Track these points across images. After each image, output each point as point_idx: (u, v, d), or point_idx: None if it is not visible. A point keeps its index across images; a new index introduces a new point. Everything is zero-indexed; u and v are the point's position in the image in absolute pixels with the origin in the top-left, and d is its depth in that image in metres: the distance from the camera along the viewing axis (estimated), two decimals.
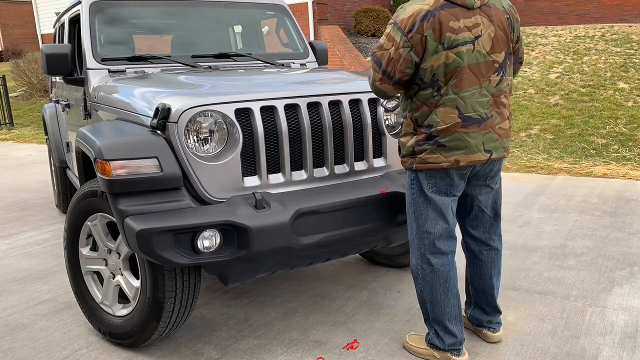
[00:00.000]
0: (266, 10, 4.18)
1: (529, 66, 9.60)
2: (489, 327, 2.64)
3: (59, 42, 4.82)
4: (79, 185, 3.70)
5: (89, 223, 2.70)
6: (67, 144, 4.49)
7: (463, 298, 2.96)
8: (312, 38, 12.37)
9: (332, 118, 2.66)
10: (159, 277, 2.41)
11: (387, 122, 2.84)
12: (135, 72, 3.34)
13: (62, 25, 4.45)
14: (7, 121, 12.49)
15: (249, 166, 2.50)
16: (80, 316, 3.09)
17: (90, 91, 3.32)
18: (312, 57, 4.10)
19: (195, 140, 2.39)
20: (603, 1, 13.18)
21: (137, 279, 2.58)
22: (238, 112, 2.45)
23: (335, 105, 2.68)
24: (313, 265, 2.73)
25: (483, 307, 2.63)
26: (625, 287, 3.19)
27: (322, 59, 4.20)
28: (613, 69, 8.88)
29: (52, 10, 16.22)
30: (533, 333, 2.72)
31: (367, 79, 2.85)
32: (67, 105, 4.21)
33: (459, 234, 3.99)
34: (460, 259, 3.42)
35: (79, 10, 3.66)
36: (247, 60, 3.74)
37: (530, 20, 14.00)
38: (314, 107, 2.63)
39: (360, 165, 2.77)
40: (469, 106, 2.20)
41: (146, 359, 2.63)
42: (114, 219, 2.46)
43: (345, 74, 3.05)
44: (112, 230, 2.67)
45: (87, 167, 2.92)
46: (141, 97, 2.64)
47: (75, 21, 3.93)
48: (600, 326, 2.76)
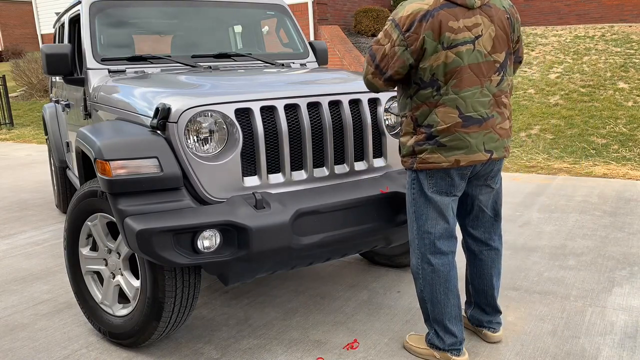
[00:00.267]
0: (266, 10, 4.18)
1: (529, 66, 9.60)
2: (489, 327, 2.64)
3: (59, 42, 4.81)
4: (79, 185, 3.70)
5: (89, 223, 2.70)
6: (67, 144, 4.49)
7: (463, 298, 2.96)
8: (312, 38, 12.37)
9: (332, 118, 2.66)
10: (159, 277, 2.41)
11: (387, 122, 2.84)
12: (135, 72, 3.34)
13: (62, 25, 4.45)
14: (7, 121, 12.50)
15: (249, 166, 2.50)
16: (80, 316, 3.09)
17: (90, 91, 3.32)
18: (312, 57, 4.10)
19: (195, 140, 2.39)
20: (603, 1, 13.17)
21: (137, 279, 2.58)
22: (238, 112, 2.45)
23: (335, 105, 2.68)
24: (313, 265, 2.73)
25: (483, 307, 2.63)
26: (625, 287, 3.19)
27: (322, 59, 4.20)
28: (613, 69, 8.88)
29: (52, 10, 16.21)
30: (533, 333, 2.72)
31: None
32: (67, 105, 4.21)
33: (460, 234, 3.99)
34: (460, 259, 3.42)
35: (79, 10, 3.66)
36: (247, 60, 3.74)
37: (530, 20, 14.00)
38: (314, 107, 2.63)
39: (360, 165, 2.77)
40: (470, 106, 2.20)
41: (146, 359, 2.63)
42: (114, 219, 2.46)
43: (345, 74, 3.04)
44: (112, 230, 2.67)
45: (87, 167, 2.92)
46: (141, 97, 2.64)
47: (75, 21, 3.93)
48: (600, 326, 2.76)
